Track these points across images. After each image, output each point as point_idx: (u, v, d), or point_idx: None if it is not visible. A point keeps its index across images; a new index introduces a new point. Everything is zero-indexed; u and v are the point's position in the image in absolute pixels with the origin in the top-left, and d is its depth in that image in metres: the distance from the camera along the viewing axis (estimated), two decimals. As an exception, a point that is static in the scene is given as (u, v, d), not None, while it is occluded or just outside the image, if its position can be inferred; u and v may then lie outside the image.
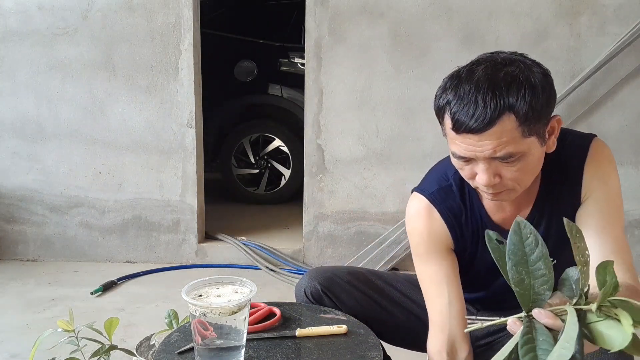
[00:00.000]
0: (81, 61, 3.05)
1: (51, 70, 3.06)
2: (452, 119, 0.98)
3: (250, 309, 1.10)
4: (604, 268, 0.73)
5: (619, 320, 0.71)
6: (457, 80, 1.00)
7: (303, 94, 3.11)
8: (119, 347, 1.46)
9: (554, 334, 0.73)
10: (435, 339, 1.19)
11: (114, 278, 2.83)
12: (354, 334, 1.16)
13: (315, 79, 3.00)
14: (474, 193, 1.19)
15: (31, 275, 2.94)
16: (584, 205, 1.11)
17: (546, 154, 1.07)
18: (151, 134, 3.09)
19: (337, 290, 1.32)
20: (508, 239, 0.75)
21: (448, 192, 1.19)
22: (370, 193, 3.04)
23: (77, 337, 1.39)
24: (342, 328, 1.16)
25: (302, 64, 3.72)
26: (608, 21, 2.84)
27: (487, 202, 1.19)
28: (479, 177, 1.02)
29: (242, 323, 1.02)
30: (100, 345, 1.42)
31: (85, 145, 3.11)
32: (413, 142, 2.97)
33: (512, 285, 0.75)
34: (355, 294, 1.33)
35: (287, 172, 4.13)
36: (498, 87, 0.95)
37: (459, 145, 1.00)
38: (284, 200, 4.18)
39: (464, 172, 1.06)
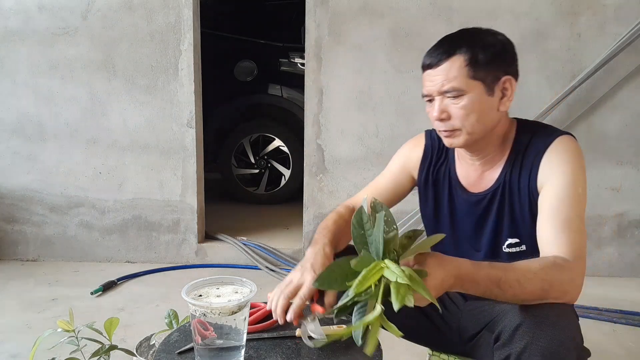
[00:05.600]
0: (81, 61, 3.05)
1: (51, 70, 3.06)
2: (422, 61, 1.24)
3: (250, 309, 1.10)
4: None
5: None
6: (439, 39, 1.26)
7: (303, 94, 3.11)
8: (119, 347, 1.46)
9: None
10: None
11: (114, 278, 2.84)
12: (354, 334, 1.16)
13: (315, 79, 3.00)
14: (452, 154, 1.37)
15: (31, 275, 2.95)
16: (542, 191, 1.19)
17: (517, 139, 1.26)
18: (151, 134, 3.09)
19: None
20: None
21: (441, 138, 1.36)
22: (370, 193, 3.03)
23: (77, 337, 1.39)
24: (342, 328, 1.16)
25: (302, 64, 3.73)
26: (608, 21, 2.84)
27: (459, 166, 1.36)
28: (432, 113, 1.22)
29: (242, 323, 1.02)
30: (100, 345, 1.42)
31: (85, 145, 3.11)
32: (413, 142, 2.96)
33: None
34: None
35: (287, 172, 4.13)
36: (455, 37, 1.22)
37: (424, 84, 1.23)
38: (284, 200, 4.18)
39: (430, 114, 1.25)
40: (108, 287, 2.76)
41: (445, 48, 1.19)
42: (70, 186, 3.15)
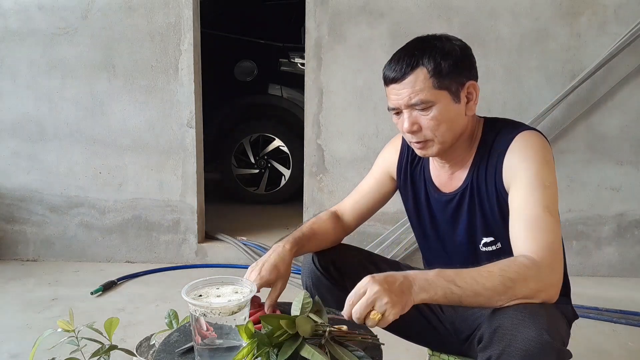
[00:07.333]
0: (81, 61, 3.05)
1: (51, 70, 3.06)
2: (384, 75, 1.26)
3: (251, 309, 1.10)
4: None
5: None
6: (396, 52, 1.27)
7: (303, 94, 3.11)
8: (119, 347, 1.46)
9: None
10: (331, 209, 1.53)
11: (114, 278, 2.84)
12: (354, 334, 1.16)
13: (315, 79, 3.00)
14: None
15: (31, 275, 2.95)
16: (510, 191, 1.20)
17: (483, 139, 1.28)
18: (151, 134, 3.09)
19: (343, 261, 1.43)
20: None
21: None
22: (370, 193, 3.03)
23: (77, 337, 1.39)
24: (343, 328, 1.16)
25: (302, 64, 3.72)
26: (608, 21, 2.84)
27: (432, 166, 1.39)
28: (403, 125, 1.23)
29: (242, 323, 1.02)
30: (100, 345, 1.41)
31: (85, 145, 3.11)
32: (413, 142, 2.96)
33: None
34: (360, 269, 1.36)
35: (287, 172, 4.13)
36: (416, 49, 1.22)
37: (390, 98, 1.25)
38: (284, 200, 4.18)
39: (398, 125, 1.26)
40: (108, 287, 2.76)
41: (407, 61, 1.20)
42: (70, 186, 3.15)
